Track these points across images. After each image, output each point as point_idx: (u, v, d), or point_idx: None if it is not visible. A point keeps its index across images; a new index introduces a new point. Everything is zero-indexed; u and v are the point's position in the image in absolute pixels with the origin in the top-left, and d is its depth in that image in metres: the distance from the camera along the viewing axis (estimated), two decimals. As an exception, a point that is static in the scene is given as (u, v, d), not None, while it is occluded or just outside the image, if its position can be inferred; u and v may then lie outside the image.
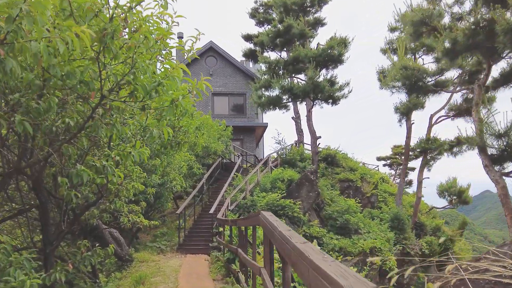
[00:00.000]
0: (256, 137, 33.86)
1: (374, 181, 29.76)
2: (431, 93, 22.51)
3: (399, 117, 26.74)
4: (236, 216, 19.22)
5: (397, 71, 19.48)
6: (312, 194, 21.36)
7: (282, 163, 25.91)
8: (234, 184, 22.32)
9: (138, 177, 9.19)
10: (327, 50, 24.71)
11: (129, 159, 4.59)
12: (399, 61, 20.15)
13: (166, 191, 16.51)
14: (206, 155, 23.97)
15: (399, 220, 24.89)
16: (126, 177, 9.15)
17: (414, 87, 20.20)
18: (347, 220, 21.41)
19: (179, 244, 16.74)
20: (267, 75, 25.99)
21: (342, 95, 24.55)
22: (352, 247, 20.15)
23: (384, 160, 51.37)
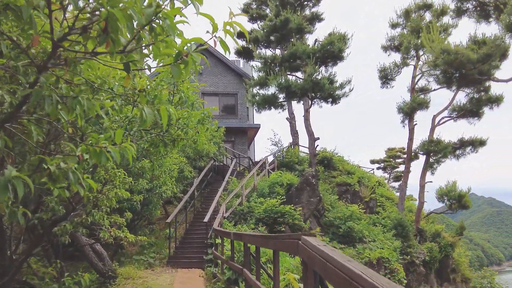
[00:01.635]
0: (248, 139, 32.26)
1: (371, 185, 28.31)
2: (475, 83, 20.50)
3: (402, 117, 25.32)
4: (232, 224, 17.53)
5: (437, 56, 17.41)
6: (314, 199, 19.74)
7: (279, 166, 24.27)
8: (229, 189, 20.63)
9: (123, 183, 7.46)
10: (326, 46, 23.18)
11: (104, 159, 2.88)
12: (436, 44, 17.99)
13: (155, 197, 14.78)
14: (198, 157, 22.28)
15: (403, 226, 23.45)
16: (107, 182, 7.45)
17: (454, 75, 18.09)
18: (351, 227, 19.84)
19: (170, 256, 14.98)
20: (262, 72, 24.37)
21: (343, 93, 23.02)
22: (357, 258, 18.55)
23: (378, 163, 50.07)
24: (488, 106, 24.78)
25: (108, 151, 2.87)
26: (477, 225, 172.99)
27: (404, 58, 26.19)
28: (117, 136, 2.80)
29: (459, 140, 26.74)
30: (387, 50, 27.68)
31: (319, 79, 22.06)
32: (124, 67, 2.48)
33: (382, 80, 26.85)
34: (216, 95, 31.89)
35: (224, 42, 2.48)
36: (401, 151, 48.40)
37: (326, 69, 24.14)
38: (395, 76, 26.83)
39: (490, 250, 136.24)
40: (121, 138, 2.82)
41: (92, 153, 2.83)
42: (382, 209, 26.63)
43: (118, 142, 2.82)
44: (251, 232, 7.51)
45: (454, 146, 26.38)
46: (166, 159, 15.36)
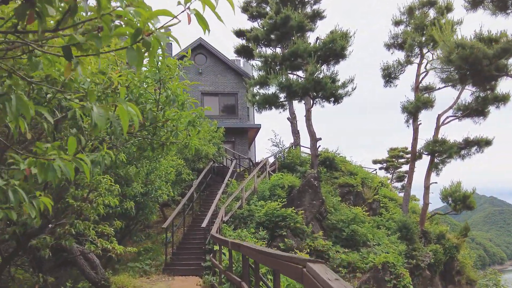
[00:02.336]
0: (248, 139, 31.66)
1: (374, 185, 27.68)
2: (491, 80, 19.62)
3: (406, 117, 24.64)
4: (231, 228, 16.91)
5: (451, 50, 16.58)
6: (316, 202, 19.09)
7: (280, 167, 23.60)
8: (229, 191, 19.99)
9: (109, 190, 6.83)
10: (328, 44, 22.51)
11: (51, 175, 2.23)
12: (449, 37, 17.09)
13: (151, 201, 14.14)
14: (197, 159, 21.65)
15: (408, 229, 22.79)
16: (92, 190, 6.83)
17: (469, 72, 17.22)
18: (354, 231, 19.18)
19: (166, 263, 14.34)
20: (263, 71, 23.72)
21: (346, 92, 22.33)
22: (361, 262, 17.91)
23: (381, 163, 49.38)
24: (495, 105, 24.13)
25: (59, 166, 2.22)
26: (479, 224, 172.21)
27: (408, 56, 25.51)
28: (69, 145, 2.17)
29: (464, 140, 26.08)
30: (390, 48, 26.99)
31: (320, 78, 21.40)
32: (64, 52, 1.84)
33: (386, 78, 26.16)
34: (216, 95, 31.30)
35: (202, 16, 1.83)
36: (403, 151, 47.75)
37: (328, 68, 23.49)
38: (399, 75, 26.16)
39: (492, 249, 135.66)
40: (74, 147, 2.19)
41: (38, 167, 2.20)
42: (386, 210, 26.02)
43: (71, 153, 2.19)
44: (250, 244, 6.85)
45: (459, 146, 25.72)
46: (162, 162, 14.75)
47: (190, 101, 5.48)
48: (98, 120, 2.04)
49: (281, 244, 16.68)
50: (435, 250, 23.51)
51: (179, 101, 5.34)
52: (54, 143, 2.22)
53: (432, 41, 23.77)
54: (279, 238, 17.04)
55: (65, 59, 1.87)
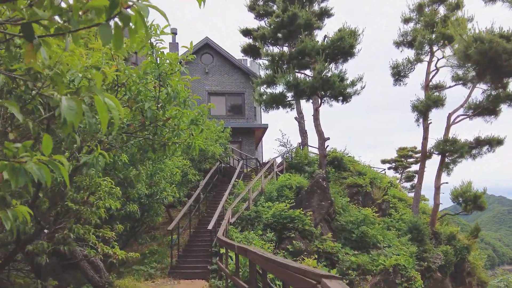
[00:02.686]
0: (255, 140, 31.28)
1: (383, 186, 27.22)
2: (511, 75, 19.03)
3: (416, 116, 24.16)
4: (238, 230, 16.58)
5: (469, 45, 16.03)
6: (325, 203, 18.70)
7: (288, 167, 23.21)
8: (236, 192, 19.65)
9: (109, 193, 6.51)
10: (336, 42, 22.11)
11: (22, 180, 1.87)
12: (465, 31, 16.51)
13: (156, 203, 13.83)
14: (203, 159, 21.33)
15: (418, 230, 22.35)
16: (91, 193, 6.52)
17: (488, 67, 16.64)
18: (364, 232, 18.78)
19: (172, 266, 14.02)
20: (270, 70, 23.36)
21: (354, 91, 21.92)
22: (371, 265, 17.52)
23: (389, 163, 48.82)
24: (507, 103, 23.61)
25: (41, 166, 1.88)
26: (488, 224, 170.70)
27: (418, 54, 25.05)
28: (44, 145, 1.83)
29: (475, 139, 25.59)
30: (399, 46, 26.52)
31: (329, 76, 21.01)
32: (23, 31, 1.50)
33: (395, 77, 25.72)
34: (222, 95, 31.00)
35: None
36: (412, 151, 47.24)
37: (336, 66, 23.11)
38: (409, 73, 25.72)
39: (501, 249, 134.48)
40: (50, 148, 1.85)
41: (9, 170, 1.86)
42: (395, 210, 25.60)
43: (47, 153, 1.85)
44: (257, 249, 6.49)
45: (470, 145, 25.23)
46: (168, 163, 14.44)
47: (192, 98, 5.14)
48: (67, 115, 1.69)
49: (289, 246, 16.32)
50: (445, 251, 23.06)
51: (180, 99, 5.00)
52: (25, 142, 1.88)
53: (443, 38, 23.32)
54: (287, 240, 16.68)
55: (25, 39, 1.53)
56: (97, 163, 3.85)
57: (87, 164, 3.86)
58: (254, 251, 6.40)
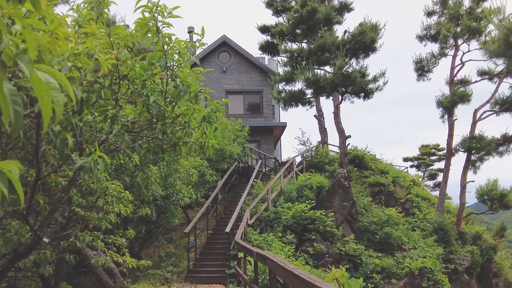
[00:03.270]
0: (274, 139, 30.70)
1: (406, 184, 26.39)
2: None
3: (441, 112, 23.30)
4: (257, 232, 16.02)
5: (509, 32, 14.97)
6: (347, 203, 18.02)
7: (308, 167, 22.56)
8: (254, 193, 19.09)
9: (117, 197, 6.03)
10: (357, 37, 21.39)
11: None
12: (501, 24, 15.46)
13: (172, 205, 13.35)
14: (221, 159, 20.82)
15: (444, 230, 21.57)
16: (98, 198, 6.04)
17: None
18: (388, 233, 18.06)
19: (189, 270, 13.53)
20: (288, 67, 22.75)
21: (377, 87, 21.16)
22: (397, 268, 16.80)
23: (412, 160, 47.76)
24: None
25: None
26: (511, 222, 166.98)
27: (442, 48, 24.15)
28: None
29: (503, 136, 24.67)
30: (422, 40, 25.64)
31: (350, 72, 20.31)
32: None
33: (418, 72, 24.88)
34: (240, 93, 30.50)
35: None
36: (435, 148, 46.17)
37: (357, 62, 22.37)
38: (432, 68, 24.85)
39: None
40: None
41: None
42: (418, 210, 24.81)
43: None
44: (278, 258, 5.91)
45: (497, 142, 24.29)
46: (184, 163, 13.97)
47: (205, 93, 4.58)
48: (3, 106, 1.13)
49: (310, 248, 15.72)
50: (471, 252, 22.23)
51: (191, 93, 4.46)
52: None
53: (468, 31, 22.40)
54: (307, 242, 16.07)
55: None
56: (95, 167, 3.33)
57: (84, 168, 3.34)
58: (274, 260, 5.83)
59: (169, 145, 4.85)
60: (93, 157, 3.29)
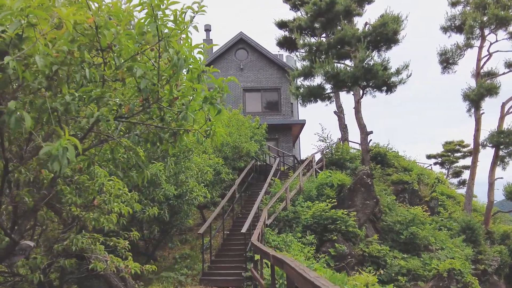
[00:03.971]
0: (292, 136, 29.99)
1: (431, 182, 25.39)
2: None
3: (468, 105, 22.23)
4: (275, 232, 15.31)
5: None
6: (370, 202, 17.18)
7: (328, 164, 21.71)
8: (272, 192, 18.35)
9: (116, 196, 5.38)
10: (379, 28, 20.48)
11: None
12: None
13: (186, 205, 12.68)
14: (237, 157, 20.14)
15: (472, 230, 20.53)
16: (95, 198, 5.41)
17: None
18: (414, 233, 17.15)
19: (203, 273, 12.86)
20: (307, 61, 21.94)
21: (400, 80, 20.21)
22: (423, 270, 15.91)
23: (435, 158, 46.44)
24: None
25: None
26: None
27: (468, 39, 23.05)
28: None
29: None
30: (446, 31, 24.55)
31: (371, 65, 19.41)
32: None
33: (443, 64, 23.83)
34: (258, 91, 29.92)
35: None
36: (460, 144, 44.80)
37: (379, 54, 21.45)
38: (458, 60, 23.76)
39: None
40: None
41: None
42: (443, 209, 23.83)
43: None
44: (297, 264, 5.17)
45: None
46: (197, 160, 13.33)
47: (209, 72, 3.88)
48: None
49: (331, 249, 14.94)
50: (499, 252, 21.17)
51: (193, 72, 3.76)
52: None
53: (496, 20, 21.30)
54: (328, 243, 15.29)
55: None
56: (64, 154, 2.66)
57: (51, 156, 2.67)
58: (292, 266, 5.11)
59: (168, 134, 4.16)
60: (61, 142, 2.61)
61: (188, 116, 3.58)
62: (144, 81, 3.23)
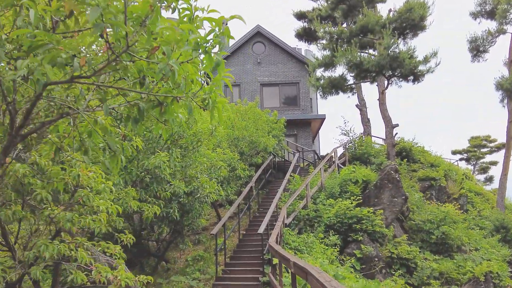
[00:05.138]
0: (312, 132, 28.77)
1: (459, 179, 23.96)
2: None
3: (501, 95, 20.76)
4: (295, 232, 14.14)
5: None
6: (398, 199, 15.88)
7: (351, 159, 20.41)
8: (291, 189, 17.18)
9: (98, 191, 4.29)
10: (404, 14, 19.14)
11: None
12: None
13: (198, 202, 11.55)
14: (254, 152, 19.02)
15: (507, 228, 19.14)
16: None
17: None
18: (446, 233, 15.79)
19: (217, 277, 11.73)
20: (328, 51, 20.71)
21: (428, 69, 18.81)
22: (457, 272, 14.56)
23: (461, 153, 44.70)
24: None
25: None
26: None
27: (501, 24, 21.49)
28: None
29: None
30: (476, 17, 23.04)
31: (397, 52, 18.09)
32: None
33: (473, 52, 22.34)
34: (276, 85, 28.76)
35: None
36: (486, 140, 43.02)
37: (405, 42, 20.09)
38: (489, 47, 22.23)
39: None
40: None
41: None
42: (472, 206, 22.45)
43: None
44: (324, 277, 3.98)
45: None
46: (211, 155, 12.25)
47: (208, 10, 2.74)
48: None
49: (356, 251, 13.71)
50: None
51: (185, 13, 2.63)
52: None
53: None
54: (353, 244, 14.07)
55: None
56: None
57: None
58: (320, 281, 3.95)
59: (151, 104, 3.04)
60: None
61: (168, 69, 2.44)
62: (96, 10, 2.11)
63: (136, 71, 2.90)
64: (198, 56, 2.57)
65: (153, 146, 8.53)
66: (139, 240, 12.58)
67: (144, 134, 8.22)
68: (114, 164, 3.19)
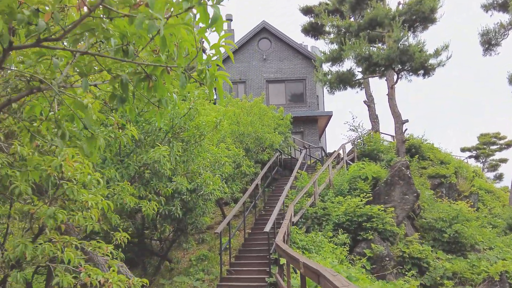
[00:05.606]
0: (319, 129, 28.30)
1: (470, 176, 23.42)
2: None
3: (515, 90, 20.13)
4: (303, 231, 13.62)
5: None
6: (409, 196, 15.33)
7: (359, 155, 19.86)
8: (298, 186, 16.67)
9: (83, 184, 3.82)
10: (414, 6, 18.56)
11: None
12: None
13: (202, 200, 11.06)
14: (260, 149, 18.54)
15: (518, 227, 18.60)
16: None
17: None
18: (459, 232, 15.22)
19: (221, 278, 11.25)
20: (335, 45, 20.16)
21: (439, 62, 18.22)
22: (471, 272, 14.01)
23: (470, 151, 44.02)
24: None
25: None
26: None
27: (514, 16, 20.89)
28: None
29: None
30: (488, 9, 22.41)
31: (407, 45, 17.52)
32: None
33: (485, 46, 21.71)
34: (282, 82, 28.36)
35: None
36: (496, 137, 42.32)
37: (414, 35, 19.52)
38: (501, 41, 21.60)
39: None
40: None
41: None
42: (482, 204, 21.91)
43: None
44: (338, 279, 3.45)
45: None
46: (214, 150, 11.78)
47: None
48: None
49: (366, 250, 13.20)
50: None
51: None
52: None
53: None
54: (363, 243, 13.55)
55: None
56: None
57: None
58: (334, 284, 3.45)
59: (137, 77, 2.56)
60: None
61: (152, 25, 1.95)
62: None
63: (118, 37, 2.42)
64: (190, 9, 2.07)
65: (153, 139, 8.05)
66: (142, 239, 12.15)
67: (143, 126, 7.75)
68: (92, 147, 2.70)
